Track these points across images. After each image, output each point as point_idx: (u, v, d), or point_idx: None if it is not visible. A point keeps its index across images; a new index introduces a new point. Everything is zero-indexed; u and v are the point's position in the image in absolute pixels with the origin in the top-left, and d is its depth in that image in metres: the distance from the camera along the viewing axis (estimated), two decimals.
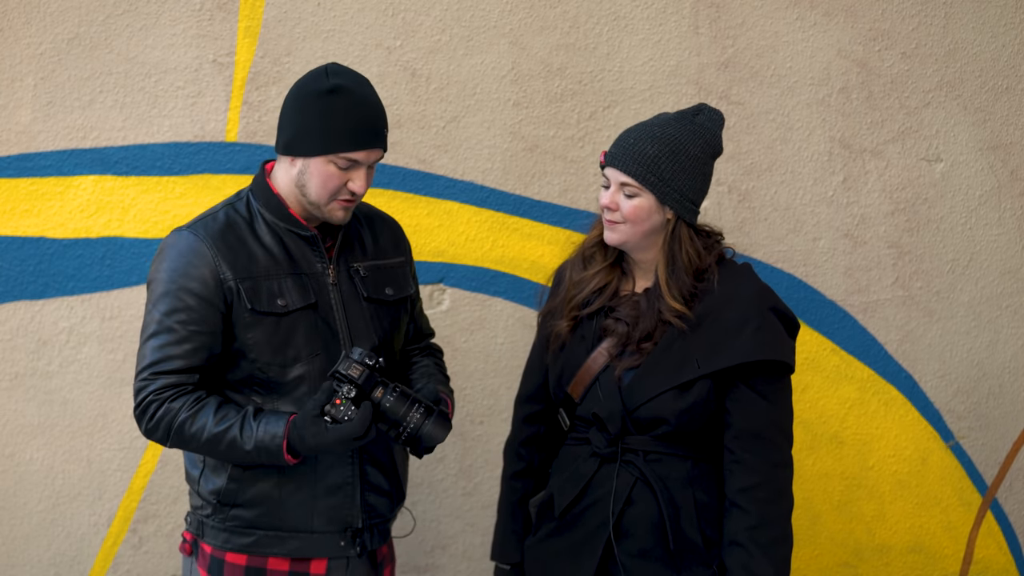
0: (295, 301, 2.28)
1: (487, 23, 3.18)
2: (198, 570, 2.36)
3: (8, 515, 3.10)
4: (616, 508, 2.35)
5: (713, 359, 2.32)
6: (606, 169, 2.39)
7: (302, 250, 2.32)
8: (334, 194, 2.27)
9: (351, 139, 2.23)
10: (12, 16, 3.01)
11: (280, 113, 2.32)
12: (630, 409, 2.35)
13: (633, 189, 2.34)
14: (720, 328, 2.33)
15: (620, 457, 2.37)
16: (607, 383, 2.38)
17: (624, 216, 2.35)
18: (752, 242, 3.32)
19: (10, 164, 3.04)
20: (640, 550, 2.34)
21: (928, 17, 3.36)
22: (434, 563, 3.27)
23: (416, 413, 2.20)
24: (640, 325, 2.37)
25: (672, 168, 2.33)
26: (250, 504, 2.30)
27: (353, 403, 2.16)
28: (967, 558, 3.50)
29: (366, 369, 2.17)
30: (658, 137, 2.35)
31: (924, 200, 3.40)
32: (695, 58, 3.26)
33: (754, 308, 2.35)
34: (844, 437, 3.41)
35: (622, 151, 2.36)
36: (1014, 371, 3.48)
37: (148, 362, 2.24)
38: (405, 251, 2.51)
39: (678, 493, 2.34)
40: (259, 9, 3.09)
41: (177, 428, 2.22)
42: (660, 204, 2.35)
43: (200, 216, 2.34)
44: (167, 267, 2.26)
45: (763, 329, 2.33)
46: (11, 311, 3.06)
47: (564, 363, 2.45)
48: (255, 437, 2.20)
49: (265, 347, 2.26)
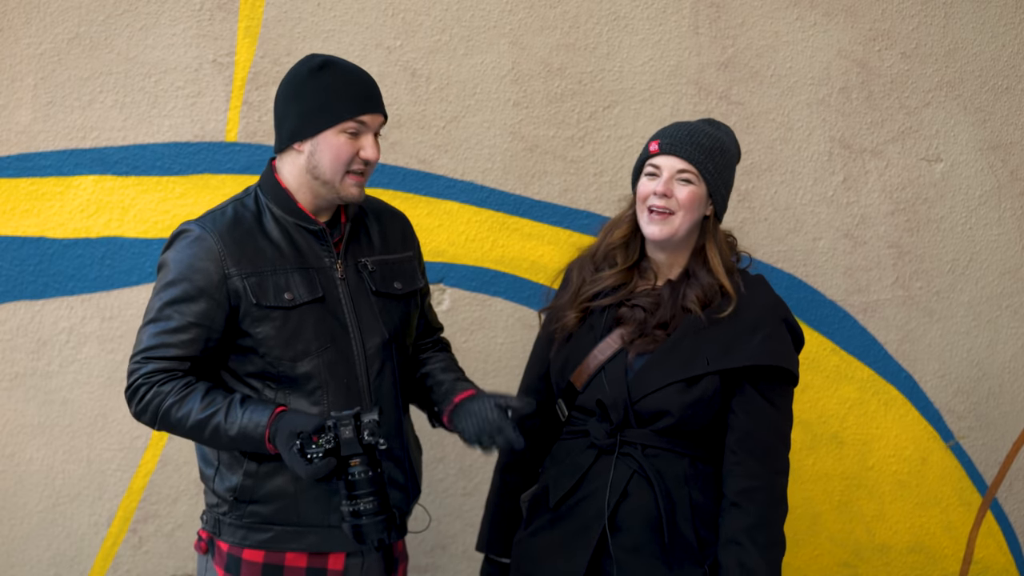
0: (302, 295, 2.29)
1: (487, 23, 3.18)
2: (214, 568, 2.36)
3: (8, 515, 3.10)
4: (612, 500, 2.35)
5: (724, 358, 2.34)
6: (658, 158, 2.40)
7: (310, 244, 2.34)
8: (347, 164, 2.28)
9: (355, 103, 2.27)
10: (12, 16, 3.01)
11: (274, 112, 2.33)
12: (635, 399, 2.35)
13: (691, 175, 2.37)
14: (734, 329, 2.36)
15: (618, 449, 2.37)
16: (615, 370, 2.39)
17: (680, 203, 2.37)
18: (752, 242, 3.32)
19: (10, 164, 3.04)
20: (634, 544, 2.34)
21: (928, 17, 3.36)
22: (434, 563, 3.27)
23: (369, 504, 2.15)
24: (659, 312, 2.39)
25: (721, 163, 2.40)
26: (266, 500, 2.31)
27: (326, 453, 2.14)
28: (967, 558, 3.50)
29: (357, 438, 2.14)
30: (708, 133, 2.41)
31: (924, 200, 3.40)
32: (695, 58, 3.26)
33: (770, 316, 2.39)
34: (844, 437, 3.41)
35: (680, 140, 2.39)
36: (1014, 371, 3.48)
37: (143, 347, 2.27)
38: (414, 245, 2.52)
39: (675, 490, 2.35)
40: (259, 9, 3.09)
41: (164, 412, 2.24)
42: (708, 196, 2.40)
43: (209, 211, 2.36)
44: (174, 257, 2.29)
45: (775, 337, 2.37)
46: (11, 311, 3.06)
47: (569, 352, 2.46)
48: (239, 423, 2.21)
49: (274, 341, 2.27)
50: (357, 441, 2.13)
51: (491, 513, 2.60)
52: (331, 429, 2.14)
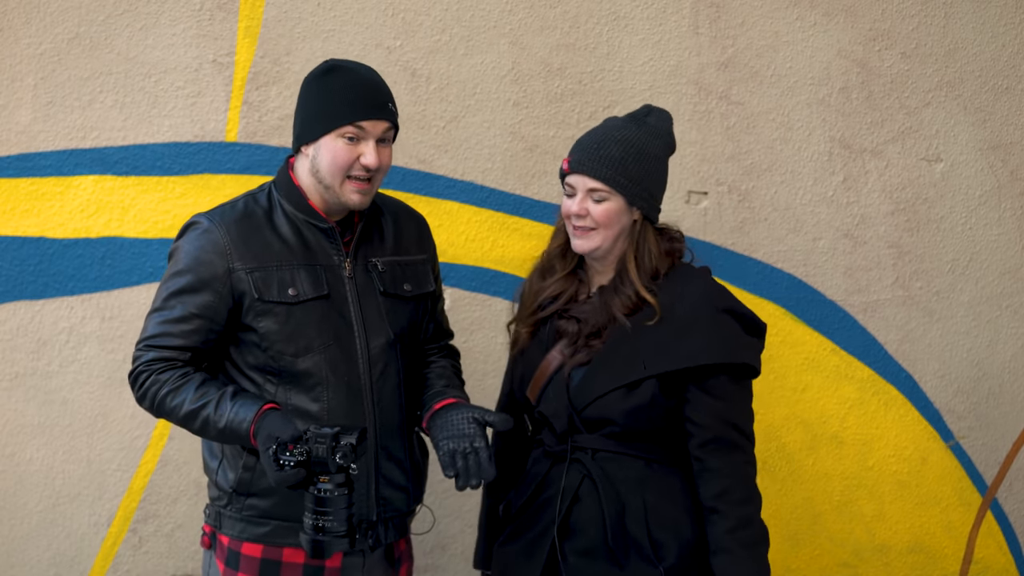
0: (307, 291, 2.30)
1: (487, 23, 3.18)
2: (216, 563, 2.38)
3: (8, 515, 3.10)
4: (563, 506, 2.35)
5: (660, 360, 2.30)
6: (570, 177, 2.37)
7: (319, 242, 2.34)
8: (346, 170, 2.27)
9: (351, 109, 2.25)
10: (12, 16, 3.01)
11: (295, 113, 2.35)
12: (578, 408, 2.35)
13: (602, 193, 2.33)
14: (668, 329, 2.31)
15: (569, 455, 2.37)
16: (557, 382, 2.39)
17: (596, 221, 2.34)
18: (752, 242, 3.32)
19: (10, 164, 3.04)
20: (586, 548, 2.34)
21: (928, 17, 3.36)
22: (434, 563, 3.27)
23: (330, 522, 2.12)
24: (590, 321, 2.37)
25: (638, 169, 2.34)
26: (264, 494, 2.32)
27: (297, 464, 2.11)
28: (967, 558, 3.50)
29: (330, 458, 2.10)
30: (619, 140, 2.34)
31: (924, 200, 3.40)
32: (695, 58, 3.26)
33: (704, 309, 2.33)
34: (844, 437, 3.41)
35: (587, 156, 2.35)
36: (1014, 371, 3.48)
37: (148, 335, 2.30)
38: (429, 248, 2.52)
39: (627, 492, 2.33)
40: (259, 9, 3.09)
41: (160, 400, 2.27)
42: (629, 206, 2.35)
43: (221, 204, 2.38)
44: (184, 248, 2.31)
45: (714, 331, 2.31)
46: (11, 311, 3.06)
47: (524, 367, 2.47)
48: (227, 417, 2.22)
49: (277, 336, 2.28)
50: (329, 461, 2.11)
51: (481, 530, 2.63)
52: (306, 443, 2.12)
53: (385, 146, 2.30)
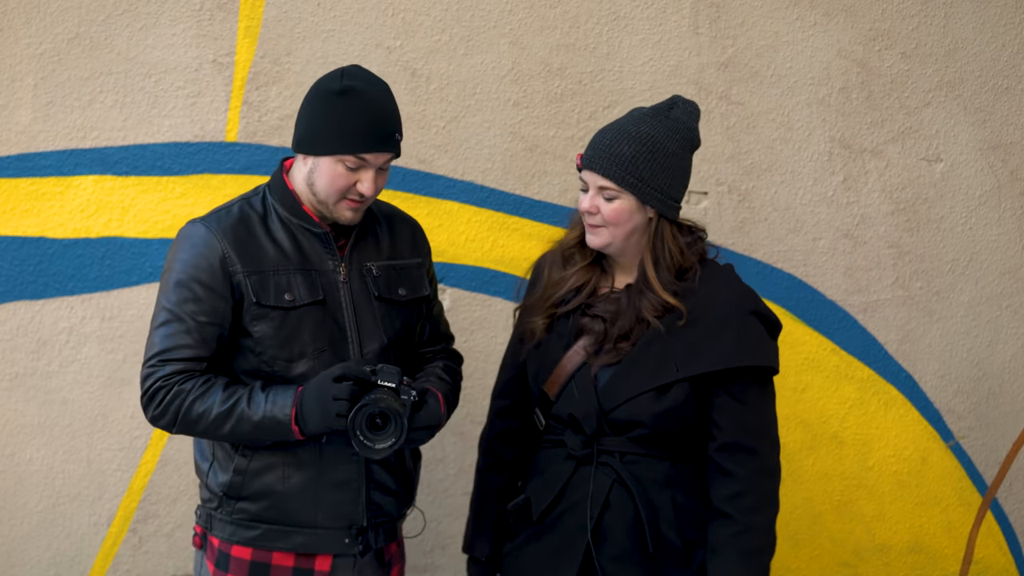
0: (302, 296, 2.30)
1: (487, 23, 3.18)
2: (206, 564, 2.38)
3: (8, 515, 3.10)
4: (594, 512, 2.31)
5: (692, 363, 2.28)
6: (583, 172, 2.33)
7: (314, 246, 2.34)
8: (342, 194, 2.28)
9: (358, 141, 2.24)
10: (12, 16, 3.01)
11: (298, 110, 2.34)
12: (606, 410, 2.31)
13: (612, 192, 2.29)
14: (700, 330, 2.29)
15: (596, 459, 2.33)
16: (583, 382, 2.34)
17: (605, 219, 2.30)
18: (752, 242, 3.32)
19: (10, 164, 3.04)
20: (619, 553, 2.31)
21: (928, 17, 3.36)
22: (434, 563, 3.27)
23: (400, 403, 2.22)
24: (618, 323, 2.33)
25: (651, 167, 2.28)
26: (255, 497, 2.31)
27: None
28: (967, 558, 3.50)
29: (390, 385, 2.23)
30: (634, 136, 2.30)
31: (924, 200, 3.40)
32: (695, 58, 3.26)
33: (735, 311, 2.31)
34: (844, 437, 3.41)
35: (598, 153, 2.30)
36: (1014, 371, 3.48)
37: (157, 350, 2.28)
38: (423, 252, 2.51)
39: (656, 494, 2.31)
40: (259, 9, 3.09)
41: (186, 410, 2.24)
42: (641, 204, 2.30)
43: (215, 209, 2.37)
44: (179, 257, 2.30)
45: (744, 334, 2.29)
46: (11, 311, 3.06)
47: (541, 361, 2.42)
48: (263, 407, 2.22)
49: (271, 341, 2.28)
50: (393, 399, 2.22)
51: (472, 515, 2.59)
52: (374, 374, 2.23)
53: (383, 173, 2.31)
